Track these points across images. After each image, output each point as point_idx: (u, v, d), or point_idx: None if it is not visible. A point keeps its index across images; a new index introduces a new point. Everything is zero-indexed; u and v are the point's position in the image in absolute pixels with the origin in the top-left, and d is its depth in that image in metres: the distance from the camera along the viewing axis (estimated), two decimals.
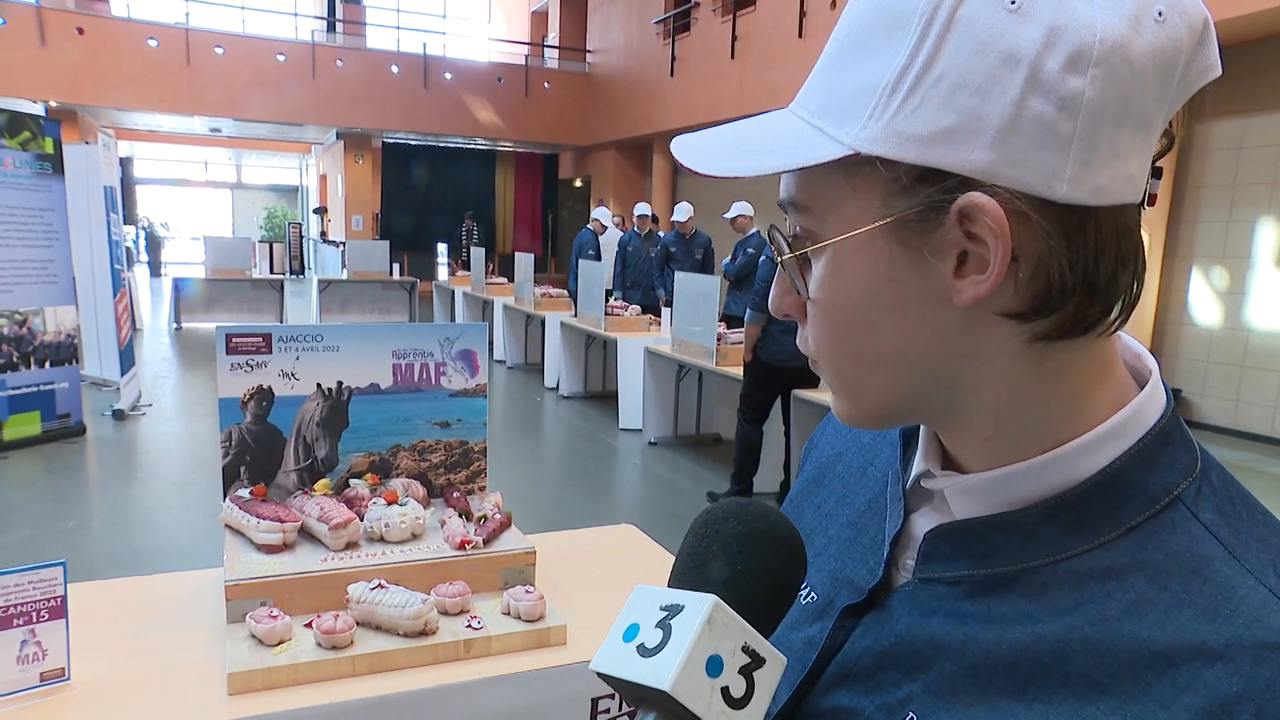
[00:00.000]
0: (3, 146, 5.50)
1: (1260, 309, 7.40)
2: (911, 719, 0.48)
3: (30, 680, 1.30)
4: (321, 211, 21.91)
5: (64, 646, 1.32)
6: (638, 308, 8.00)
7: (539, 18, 20.80)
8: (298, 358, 1.74)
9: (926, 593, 0.51)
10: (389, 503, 1.68)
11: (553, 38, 19.19)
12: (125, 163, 19.61)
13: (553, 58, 18.72)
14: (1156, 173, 0.45)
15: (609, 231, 10.67)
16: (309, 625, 1.45)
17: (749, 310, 4.95)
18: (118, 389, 6.96)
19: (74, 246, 6.12)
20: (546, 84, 17.46)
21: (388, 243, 13.07)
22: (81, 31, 14.03)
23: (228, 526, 1.67)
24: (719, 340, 5.67)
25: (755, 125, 0.50)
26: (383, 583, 1.49)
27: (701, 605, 0.45)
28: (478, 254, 11.23)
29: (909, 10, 0.42)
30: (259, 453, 1.75)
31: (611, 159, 17.01)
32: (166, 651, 1.46)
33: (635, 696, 0.46)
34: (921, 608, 0.50)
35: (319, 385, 1.77)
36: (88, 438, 6.12)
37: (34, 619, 1.29)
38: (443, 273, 18.04)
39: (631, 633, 0.47)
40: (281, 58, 15.51)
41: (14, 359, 5.64)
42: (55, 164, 5.84)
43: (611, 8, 16.50)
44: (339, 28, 18.72)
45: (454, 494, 1.85)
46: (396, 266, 13.13)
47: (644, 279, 8.78)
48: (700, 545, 0.50)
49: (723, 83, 12.70)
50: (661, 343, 6.48)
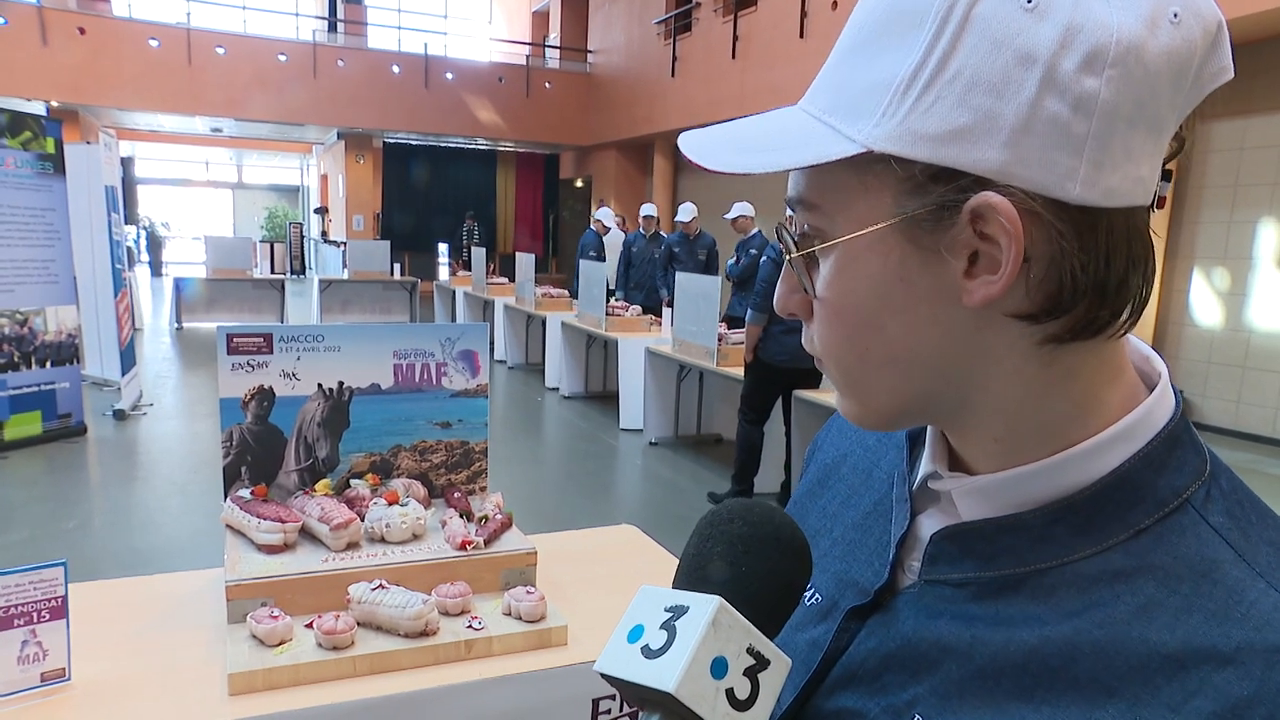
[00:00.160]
0: (4, 146, 5.50)
1: (1261, 310, 7.40)
2: None
3: (31, 680, 1.29)
4: (322, 211, 21.92)
5: (65, 646, 1.32)
6: (638, 308, 8.00)
7: (540, 18, 20.81)
8: (299, 358, 1.74)
9: (933, 594, 0.50)
10: (390, 503, 1.68)
11: (554, 38, 19.21)
12: (126, 162, 19.63)
13: (554, 58, 18.73)
14: (1166, 175, 0.45)
15: (612, 232, 10.67)
16: (310, 626, 1.44)
17: (750, 310, 4.95)
18: (119, 389, 6.96)
19: (75, 246, 6.13)
20: (547, 84, 17.47)
21: (389, 243, 13.07)
22: (83, 31, 14.04)
23: (228, 527, 1.67)
24: (720, 340, 5.67)
25: (764, 122, 0.49)
26: (384, 583, 1.48)
27: (706, 606, 0.45)
28: (478, 254, 11.23)
29: (924, 8, 0.42)
30: (260, 453, 1.75)
31: (612, 159, 17.01)
32: (167, 652, 1.46)
33: (639, 698, 0.46)
34: (928, 610, 0.50)
35: (320, 385, 1.77)
36: (89, 438, 6.12)
37: (35, 619, 1.29)
38: (444, 273, 18.08)
39: (636, 634, 0.46)
40: (283, 58, 15.52)
41: (15, 359, 5.64)
42: (56, 164, 5.85)
43: (613, 8, 16.51)
44: (340, 28, 18.73)
45: (455, 494, 1.85)
46: (397, 266, 13.14)
47: (648, 280, 8.76)
48: (705, 546, 0.50)
49: (724, 83, 12.70)
50: (662, 343, 6.47)
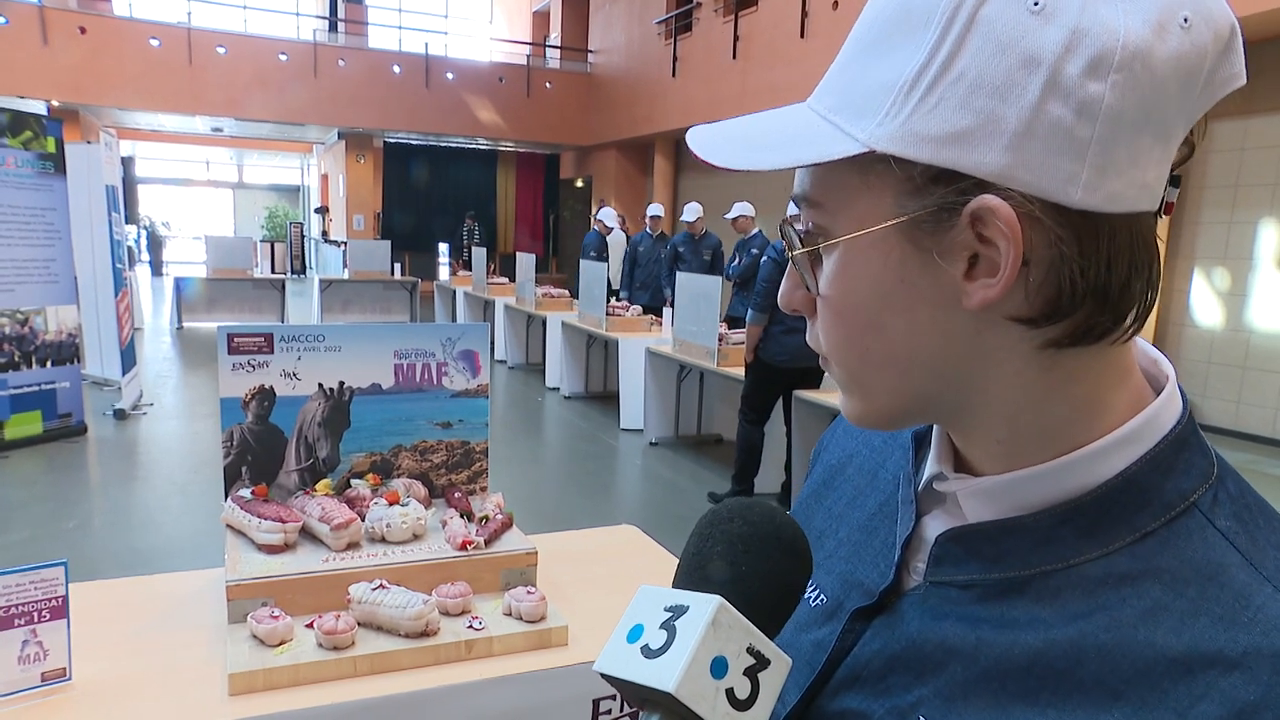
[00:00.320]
0: (5, 146, 5.50)
1: (1262, 310, 7.39)
2: None
3: (31, 680, 1.29)
4: (323, 211, 21.92)
5: (65, 646, 1.32)
6: (639, 308, 8.01)
7: (541, 18, 20.81)
8: (299, 358, 1.74)
9: (938, 596, 0.50)
10: (390, 503, 1.68)
11: (554, 38, 19.20)
12: (127, 162, 19.65)
13: (554, 58, 18.73)
14: (1175, 181, 0.44)
15: (614, 232, 10.68)
16: (310, 625, 1.44)
17: (750, 310, 4.94)
18: (119, 388, 6.96)
19: (76, 246, 6.13)
20: (548, 84, 17.47)
21: (389, 242, 13.06)
22: (84, 31, 14.05)
23: (229, 526, 1.67)
24: (720, 341, 5.67)
25: (771, 119, 0.49)
26: (384, 583, 1.48)
27: (706, 606, 0.45)
28: (479, 254, 11.23)
29: (930, 8, 0.42)
30: (260, 453, 1.75)
31: (613, 159, 17.01)
32: (167, 652, 1.46)
33: (639, 698, 0.46)
34: (933, 611, 0.50)
35: (320, 385, 1.77)
36: (89, 437, 6.12)
37: (35, 619, 1.29)
38: (444, 273, 18.06)
39: (636, 633, 0.46)
40: (283, 57, 15.52)
41: (15, 358, 5.64)
42: (57, 163, 5.85)
43: (613, 8, 16.51)
44: (341, 27, 18.73)
45: (455, 494, 1.85)
46: (398, 266, 13.13)
47: (654, 280, 8.81)
48: (705, 545, 0.50)
49: (724, 83, 12.70)
50: (663, 343, 6.48)
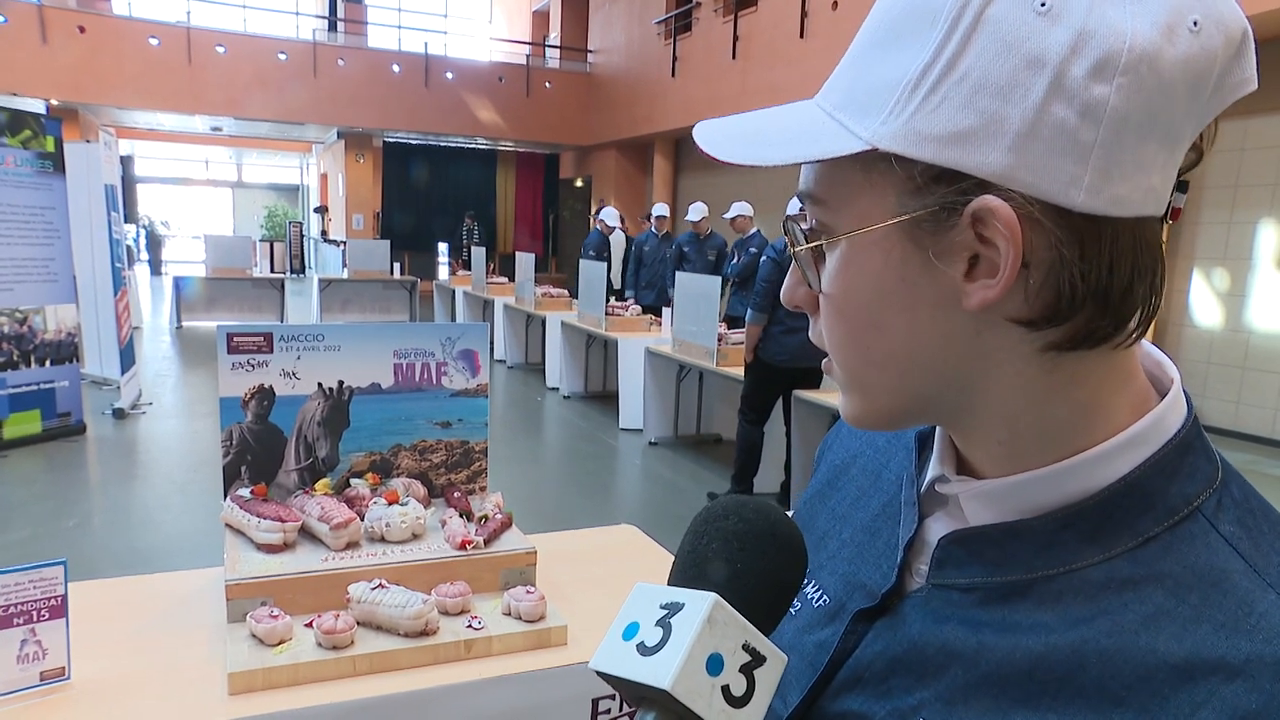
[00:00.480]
0: (4, 145, 5.49)
1: (1261, 311, 7.39)
2: None
3: (30, 679, 1.29)
4: (322, 210, 21.91)
5: (64, 646, 1.32)
6: (639, 307, 8.03)
7: (540, 17, 20.80)
8: (299, 357, 1.74)
9: (940, 599, 0.50)
10: (390, 502, 1.68)
11: (554, 37, 19.19)
12: (126, 161, 19.61)
13: (554, 57, 18.72)
14: (1182, 186, 0.44)
15: (615, 232, 10.69)
16: (309, 625, 1.44)
17: (750, 310, 4.94)
18: (118, 387, 6.96)
19: (75, 245, 6.12)
20: (548, 84, 17.46)
21: (388, 242, 13.07)
22: (83, 30, 14.03)
23: (228, 526, 1.67)
24: (720, 340, 5.67)
25: (778, 115, 0.49)
26: (383, 582, 1.48)
27: (701, 603, 0.45)
28: (478, 253, 11.23)
29: (937, 7, 0.42)
30: (260, 452, 1.75)
31: (612, 159, 17.01)
32: (167, 651, 1.46)
33: (635, 695, 0.46)
34: (935, 614, 0.50)
35: (320, 385, 1.77)
36: (88, 436, 6.12)
37: (34, 618, 1.29)
38: (443, 272, 18.05)
39: (631, 631, 0.46)
40: (283, 57, 15.52)
41: (14, 357, 5.64)
42: (56, 162, 5.84)
43: (613, 8, 16.50)
44: (340, 27, 18.72)
45: (455, 494, 1.85)
46: (397, 266, 13.13)
47: (659, 280, 8.87)
48: (700, 543, 0.50)
49: (724, 83, 12.69)
50: (662, 343, 6.47)
